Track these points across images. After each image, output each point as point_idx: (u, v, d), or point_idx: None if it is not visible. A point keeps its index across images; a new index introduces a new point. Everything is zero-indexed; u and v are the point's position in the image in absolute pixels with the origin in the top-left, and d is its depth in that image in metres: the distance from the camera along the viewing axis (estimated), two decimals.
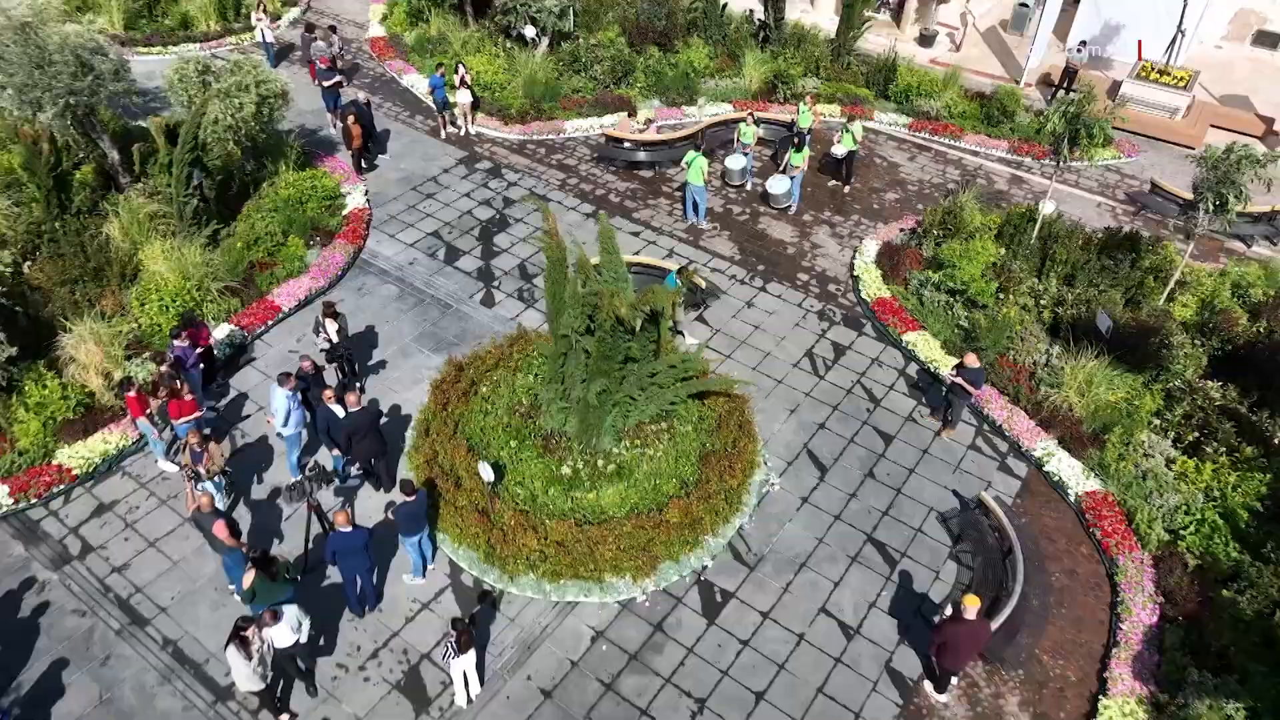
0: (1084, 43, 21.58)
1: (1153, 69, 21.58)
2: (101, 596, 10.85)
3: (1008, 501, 12.45)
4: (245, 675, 8.97)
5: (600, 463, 11.57)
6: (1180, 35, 21.15)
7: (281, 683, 9.88)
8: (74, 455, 12.06)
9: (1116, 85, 21.95)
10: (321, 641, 10.38)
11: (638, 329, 10.65)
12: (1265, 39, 24.41)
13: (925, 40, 24.22)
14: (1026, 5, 24.76)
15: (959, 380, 12.53)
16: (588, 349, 10.75)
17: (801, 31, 22.67)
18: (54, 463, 11.95)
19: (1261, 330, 13.77)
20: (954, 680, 10.31)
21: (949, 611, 9.75)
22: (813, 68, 21.58)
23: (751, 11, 23.03)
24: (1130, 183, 19.35)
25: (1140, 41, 21.91)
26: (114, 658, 10.24)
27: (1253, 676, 9.88)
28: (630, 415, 11.74)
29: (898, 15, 25.36)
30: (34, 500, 11.68)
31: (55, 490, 11.84)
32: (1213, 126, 21.44)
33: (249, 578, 9.47)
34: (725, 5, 22.23)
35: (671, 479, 11.59)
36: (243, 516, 11.69)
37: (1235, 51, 24.86)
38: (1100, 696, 10.13)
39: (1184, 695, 9.79)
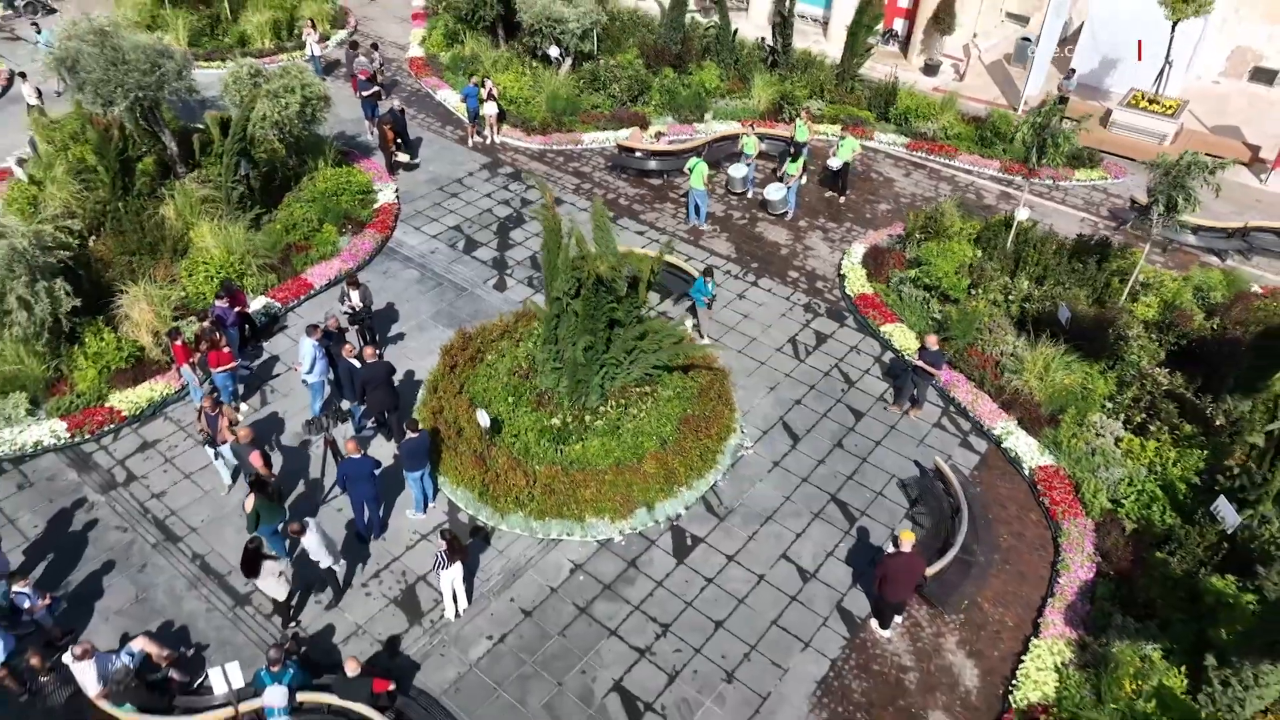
0: (1073, 70, 22.78)
1: (1143, 97, 22.68)
2: (141, 517, 12.26)
3: (965, 473, 13.43)
4: (271, 584, 10.28)
5: (588, 418, 12.82)
6: (1168, 66, 22.24)
7: (298, 595, 11.14)
8: (124, 399, 13.60)
9: (1109, 113, 23.07)
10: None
11: (622, 293, 11.96)
12: (1261, 75, 25.39)
13: (930, 70, 25.55)
14: (1029, 40, 26.04)
15: (920, 363, 13.62)
16: (576, 310, 12.07)
17: (809, 58, 24.16)
18: (106, 405, 13.49)
19: (1214, 326, 14.68)
20: (898, 620, 11.28)
21: (890, 549, 10.78)
22: (818, 90, 23.00)
23: (763, 38, 24.59)
24: (1115, 201, 20.38)
25: (1140, 41, 23.08)
26: (149, 566, 11.62)
27: (1174, 625, 10.73)
28: (616, 378, 12.99)
29: (905, 47, 26.77)
30: (87, 436, 13.20)
31: (106, 429, 13.36)
32: (1204, 154, 22.38)
33: (249, 502, 10.77)
34: (736, 31, 23.80)
35: (652, 437, 12.78)
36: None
37: (1233, 86, 25.84)
38: (1032, 638, 11.04)
39: (1107, 636, 10.67)
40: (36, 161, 17.92)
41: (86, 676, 9.34)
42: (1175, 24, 21.24)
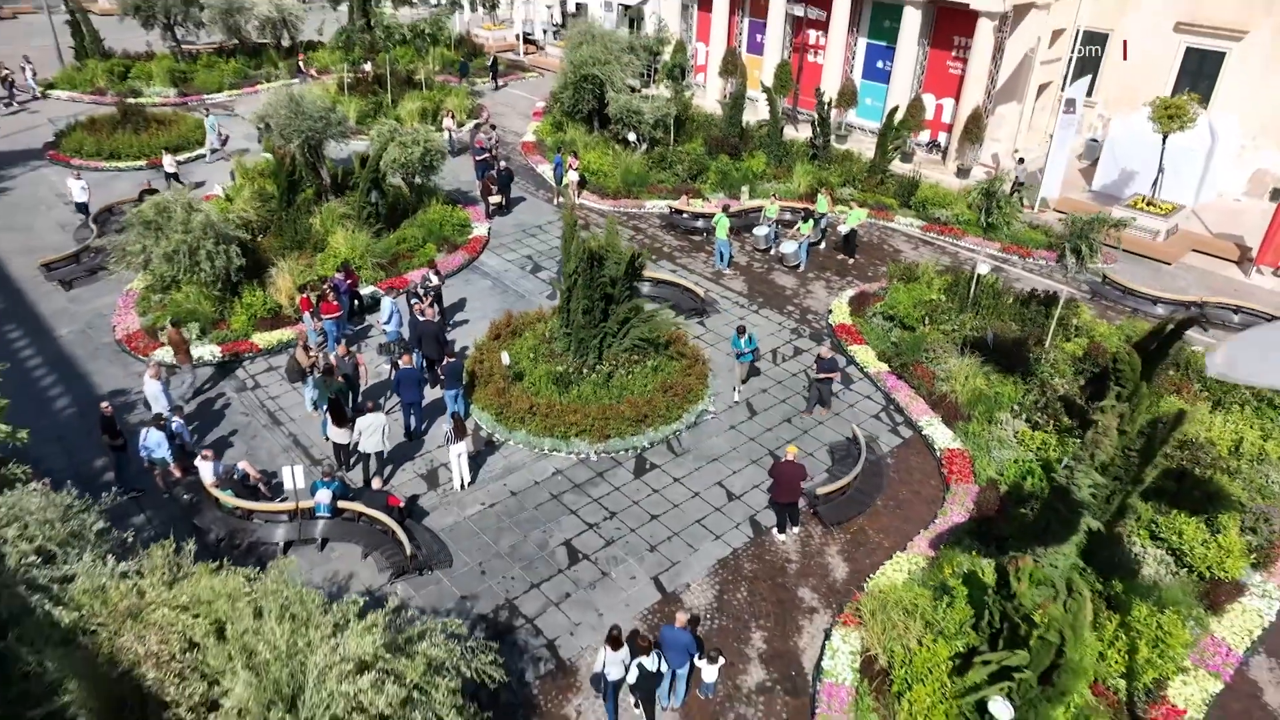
0: (1022, 160, 27.28)
1: (1143, 200, 25.53)
2: (258, 409, 16.98)
3: (887, 449, 16.44)
4: (337, 432, 14.63)
5: (585, 371, 16.80)
6: (1160, 174, 25.14)
7: (356, 457, 15.36)
8: (261, 338, 18.66)
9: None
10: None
11: (614, 273, 16.12)
12: None
13: (962, 173, 29.19)
14: (1096, 141, 29.49)
15: (820, 375, 16.79)
16: (579, 282, 16.29)
17: (849, 155, 28.39)
18: (249, 340, 18.56)
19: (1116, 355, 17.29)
20: (794, 530, 14.33)
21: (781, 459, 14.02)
22: (850, 180, 27.09)
23: (811, 138, 29.08)
24: (1093, 278, 23.10)
25: (1125, 42, 27.15)
26: (259, 436, 16.21)
27: (1008, 545, 13.33)
28: (611, 345, 16.99)
29: (945, 154, 30.60)
30: (233, 357, 18.23)
31: (246, 355, 18.38)
32: (1194, 250, 24.89)
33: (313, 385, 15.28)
34: (783, 129, 28.41)
35: (633, 390, 16.59)
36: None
37: (1252, 205, 28.17)
38: (896, 552, 13.85)
39: (952, 551, 13.41)
40: (233, 187, 24.17)
41: (205, 471, 13.79)
42: (1165, 137, 24.28)
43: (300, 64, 38.71)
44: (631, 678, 10.45)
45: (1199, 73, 28.81)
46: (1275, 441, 15.57)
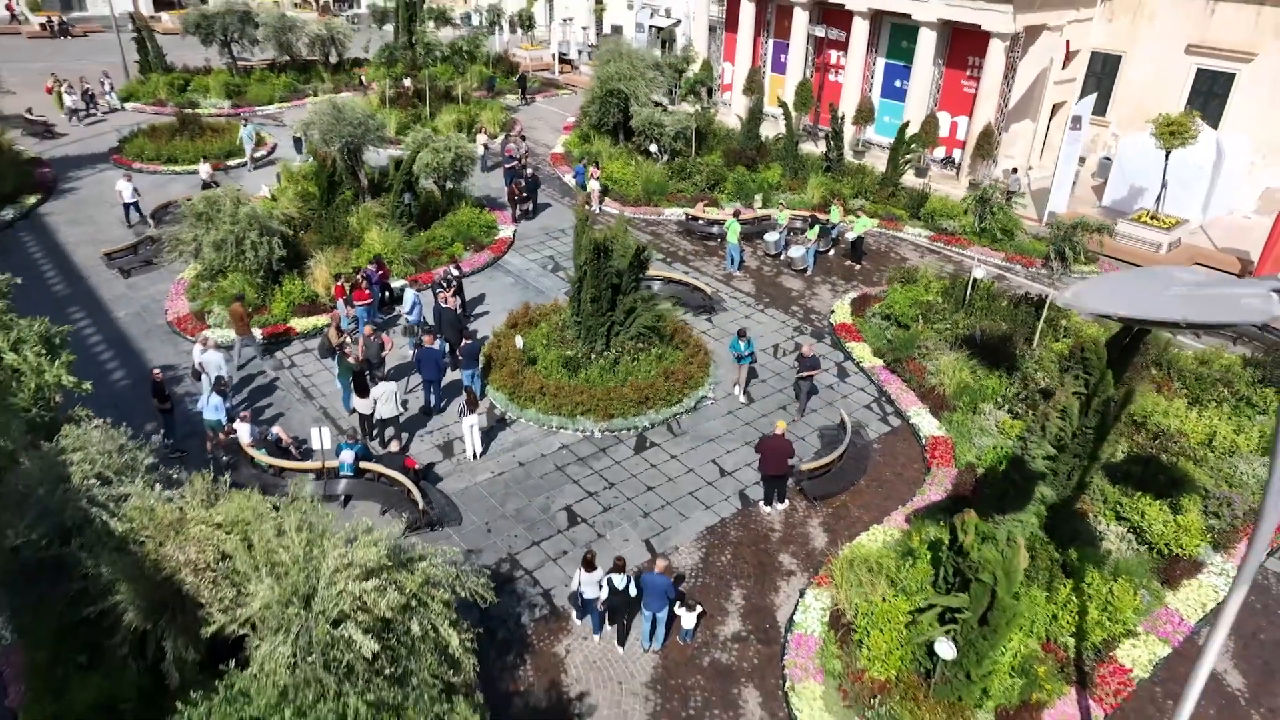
0: (1014, 170, 28.14)
1: (1147, 214, 26.25)
2: (293, 386, 18.48)
3: (875, 435, 17.41)
4: (360, 402, 16.02)
5: (593, 356, 18.04)
6: (1164, 190, 25.85)
7: (375, 429, 16.75)
8: (299, 323, 20.22)
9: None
10: (404, 417, 17.28)
11: (620, 265, 17.38)
12: None
13: (973, 187, 30.05)
14: (1109, 159, 30.22)
15: (802, 373, 17.76)
16: (588, 272, 17.57)
17: (862, 168, 29.48)
18: (288, 324, 20.12)
19: None
20: (780, 505, 15.36)
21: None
22: (862, 191, 28.16)
23: (825, 152, 30.22)
24: None
25: (1068, 42, 29.18)
26: (293, 407, 17.69)
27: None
28: (619, 333, 18.22)
29: (959, 170, 31.53)
30: (269, 339, 19.81)
31: (285, 337, 19.94)
32: (1196, 263, 25.48)
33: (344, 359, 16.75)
34: (799, 143, 29.61)
35: (637, 375, 17.79)
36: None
37: (1262, 222, 28.62)
38: (874, 525, 14.82)
39: (924, 521, 14.35)
40: (279, 189, 25.95)
41: (244, 432, 15.24)
42: (1168, 153, 25.03)
43: (362, 79, 40.87)
44: (605, 594, 11.70)
45: (1210, 93, 29.47)
46: (1246, 436, 16.27)
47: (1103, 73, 31.86)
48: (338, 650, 8.89)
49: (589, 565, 11.82)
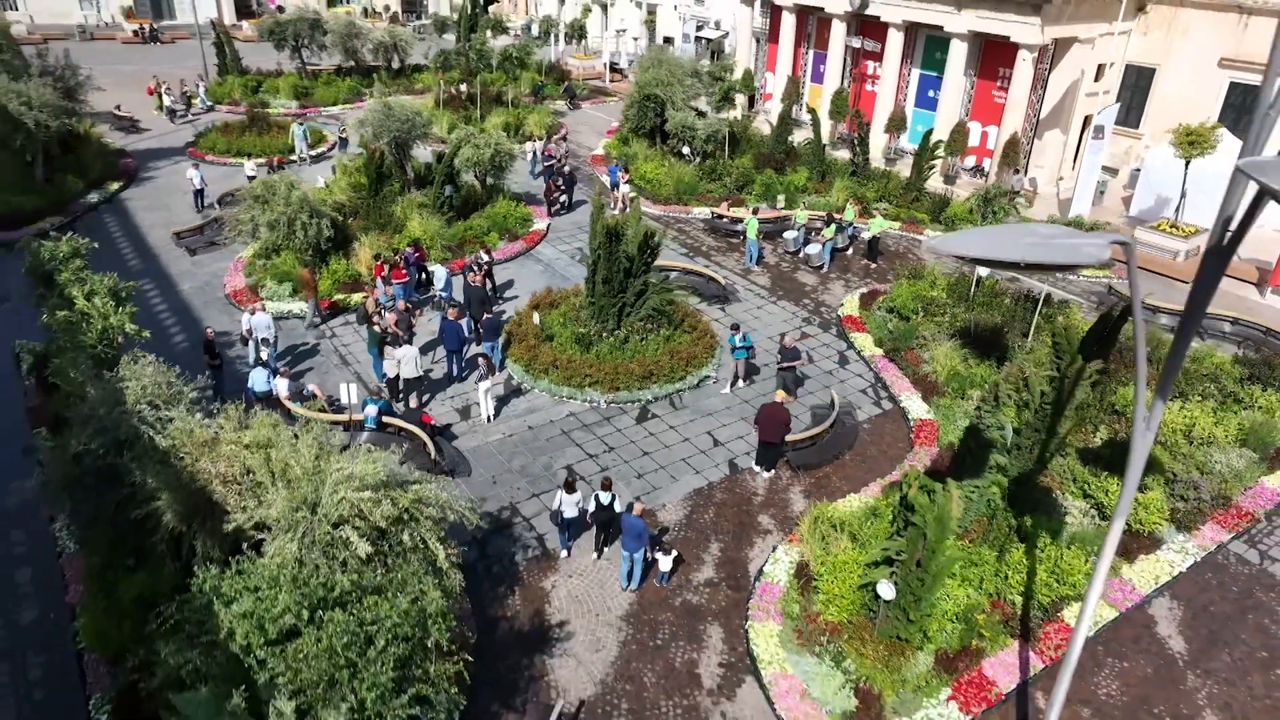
0: (1017, 171, 28.99)
1: (1167, 223, 26.59)
2: (332, 353, 20.26)
3: (866, 416, 18.39)
4: (390, 365, 17.66)
5: (604, 334, 19.40)
6: (1183, 199, 26.18)
7: (402, 390, 18.35)
8: (343, 297, 22.05)
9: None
10: (428, 382, 18.86)
11: (630, 250, 18.73)
12: None
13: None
14: (1139, 170, 30.63)
15: (784, 364, 18.75)
16: (601, 255, 18.96)
17: (888, 174, 30.36)
18: (332, 298, 21.98)
19: None
20: (768, 473, 16.45)
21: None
22: (886, 195, 29.06)
23: (851, 157, 31.18)
24: (1103, 289, 24.39)
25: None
26: (331, 372, 19.44)
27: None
28: (630, 314, 19.56)
29: (987, 178, 32.12)
30: (316, 312, 21.66)
31: (328, 311, 21.78)
32: None
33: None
34: (826, 148, 30.64)
35: (644, 353, 19.09)
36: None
37: None
38: (851, 494, 15.82)
39: (896, 489, 15.28)
40: (333, 179, 28.02)
41: (282, 387, 16.98)
42: (1188, 163, 25.41)
43: (441, 82, 43.10)
44: (591, 506, 13.51)
45: (1243, 106, 29.57)
46: (1224, 428, 16.81)
47: (1136, 86, 32.16)
48: (336, 549, 10.39)
49: (569, 488, 13.49)
